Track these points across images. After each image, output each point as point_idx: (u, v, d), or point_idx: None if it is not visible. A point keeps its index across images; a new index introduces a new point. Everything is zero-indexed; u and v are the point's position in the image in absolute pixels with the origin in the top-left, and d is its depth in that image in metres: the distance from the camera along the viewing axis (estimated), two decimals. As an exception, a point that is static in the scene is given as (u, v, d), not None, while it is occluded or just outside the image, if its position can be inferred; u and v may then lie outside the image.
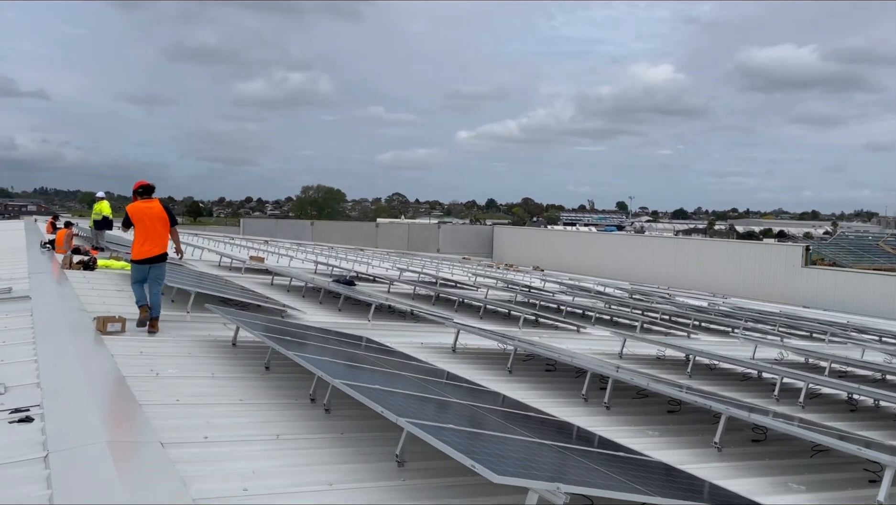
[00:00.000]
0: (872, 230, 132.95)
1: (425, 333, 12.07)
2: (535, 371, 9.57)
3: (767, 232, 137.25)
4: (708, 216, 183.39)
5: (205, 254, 24.45)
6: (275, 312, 12.10)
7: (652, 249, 47.86)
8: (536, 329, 14.67)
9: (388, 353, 8.51)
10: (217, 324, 10.47)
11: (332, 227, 60.09)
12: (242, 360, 8.19)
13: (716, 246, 47.03)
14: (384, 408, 4.78)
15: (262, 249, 31.89)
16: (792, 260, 38.16)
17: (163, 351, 8.21)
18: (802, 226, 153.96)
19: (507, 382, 8.74)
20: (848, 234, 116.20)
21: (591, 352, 12.02)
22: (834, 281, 36.53)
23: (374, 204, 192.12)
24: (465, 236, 60.99)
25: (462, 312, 16.08)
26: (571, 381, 9.14)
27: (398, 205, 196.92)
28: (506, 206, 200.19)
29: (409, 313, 14.17)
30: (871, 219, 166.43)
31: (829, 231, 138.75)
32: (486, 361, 9.93)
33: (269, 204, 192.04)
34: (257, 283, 17.70)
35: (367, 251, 48.58)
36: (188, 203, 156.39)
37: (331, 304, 14.82)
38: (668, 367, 11.47)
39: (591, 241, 56.44)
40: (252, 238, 46.01)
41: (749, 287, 38.92)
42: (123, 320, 9.07)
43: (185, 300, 11.98)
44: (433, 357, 9.85)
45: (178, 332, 9.53)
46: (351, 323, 12.57)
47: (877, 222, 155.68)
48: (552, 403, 7.83)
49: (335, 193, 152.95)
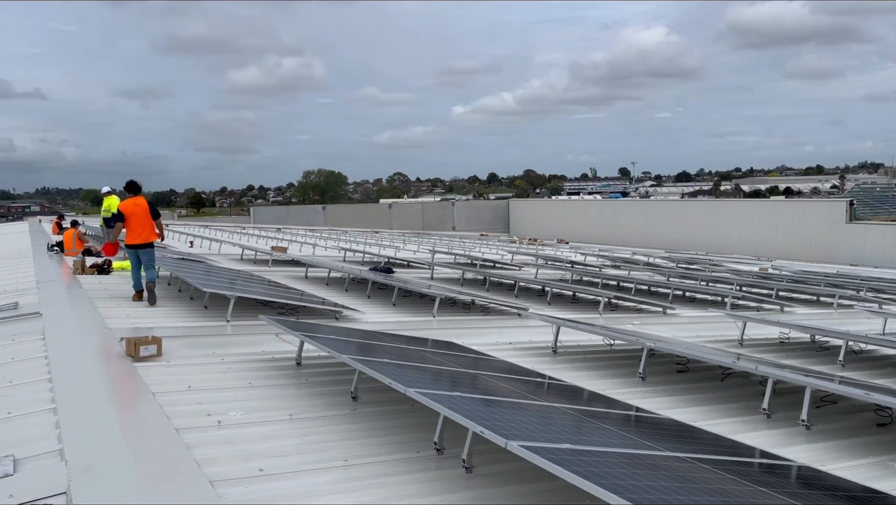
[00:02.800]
0: (880, 181, 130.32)
1: (505, 330, 10.28)
2: (667, 374, 7.77)
3: (774, 190, 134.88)
4: (712, 177, 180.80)
5: (224, 247, 22.65)
6: (328, 313, 10.32)
7: (682, 214, 45.86)
8: (614, 313, 12.87)
9: (502, 368, 6.71)
10: (267, 334, 8.69)
11: (344, 211, 58.13)
12: (317, 387, 6.41)
13: (752, 206, 44.94)
14: (611, 492, 2.99)
15: (282, 239, 30.08)
16: (835, 216, 36.20)
17: (215, 381, 6.43)
18: (808, 181, 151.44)
19: (650, 392, 6.94)
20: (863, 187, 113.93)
21: (699, 339, 10.23)
22: (883, 236, 34.58)
23: (375, 185, 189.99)
24: (480, 213, 59.01)
25: (524, 297, 14.28)
26: (726, 387, 7.36)
27: (400, 184, 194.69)
28: (508, 179, 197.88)
29: (472, 304, 12.38)
30: (878, 170, 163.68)
31: (836, 185, 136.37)
32: (603, 364, 8.14)
33: (271, 191, 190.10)
34: (290, 276, 15.92)
35: (383, 233, 46.75)
36: (191, 195, 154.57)
37: (380, 297, 13.03)
38: (799, 352, 9.68)
39: (614, 209, 54.41)
40: (264, 227, 44.19)
41: (790, 247, 37.02)
42: (159, 341, 7.28)
43: (222, 305, 10.21)
44: (535, 362, 8.07)
45: (225, 349, 7.75)
46: (414, 321, 10.78)
47: (884, 173, 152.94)
48: (731, 423, 6.04)
49: (337, 177, 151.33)
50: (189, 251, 21.86)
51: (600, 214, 52.07)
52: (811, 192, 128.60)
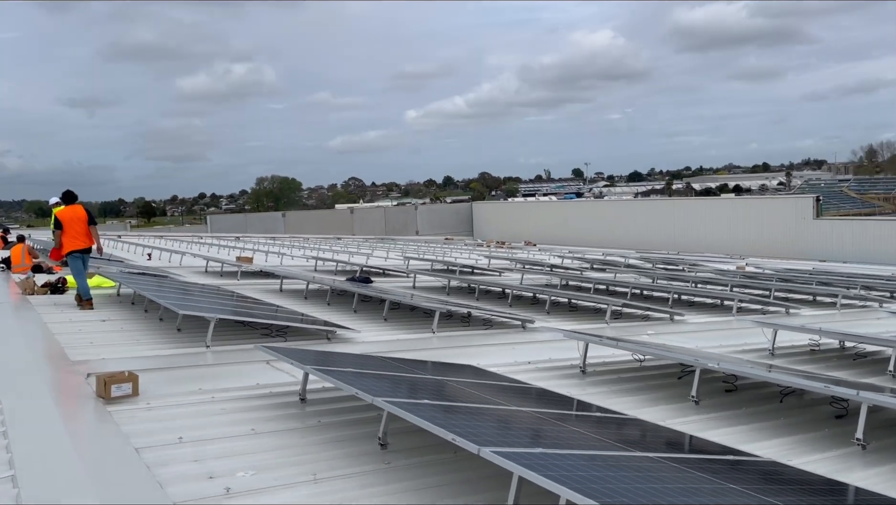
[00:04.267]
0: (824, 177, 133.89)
1: (518, 346, 9.35)
2: (716, 395, 6.93)
3: (723, 187, 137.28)
4: (663, 176, 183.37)
5: (185, 259, 21.24)
6: (319, 334, 9.25)
7: (649, 214, 45.65)
8: (618, 321, 12.07)
9: (555, 402, 5.77)
10: (256, 362, 7.61)
11: (304, 217, 56.54)
12: (334, 431, 5.37)
13: (719, 204, 44.90)
14: None
15: (244, 248, 28.69)
16: (802, 212, 36.28)
17: (210, 427, 5.34)
18: (756, 178, 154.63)
19: (714, 421, 6.07)
20: (810, 183, 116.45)
21: (724, 349, 9.45)
22: (850, 231, 34.74)
23: (330, 190, 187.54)
24: (442, 216, 58.09)
25: (517, 306, 13.39)
26: (791, 410, 6.55)
27: (355, 189, 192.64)
28: (463, 182, 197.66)
29: (469, 316, 11.44)
30: (821, 167, 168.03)
31: (783, 182, 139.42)
32: (641, 385, 7.26)
33: (223, 199, 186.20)
34: (263, 290, 14.75)
35: (346, 239, 45.51)
36: (140, 204, 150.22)
37: (367, 311, 11.98)
38: (834, 361, 8.97)
39: (576, 210, 54.06)
40: (222, 236, 42.52)
41: (759, 245, 36.98)
42: (135, 378, 6.15)
43: (196, 327, 9.09)
44: (567, 385, 7.16)
45: (212, 383, 6.65)
46: (413, 339, 9.78)
47: (827, 169, 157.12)
48: (827, 459, 5.19)
49: (291, 183, 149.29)
50: (147, 264, 20.44)
51: (565, 216, 51.63)
52: (759, 189, 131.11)
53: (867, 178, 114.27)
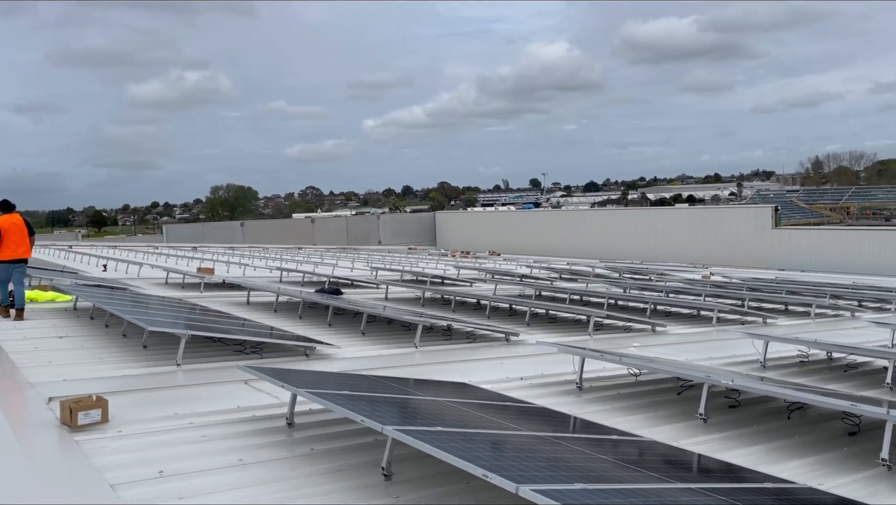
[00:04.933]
0: (773, 188, 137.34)
1: (506, 361, 8.99)
2: (719, 411, 6.66)
3: (677, 197, 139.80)
4: (619, 186, 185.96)
5: (144, 270, 20.41)
6: (297, 350, 8.76)
7: (611, 223, 45.88)
8: (600, 333, 11.81)
9: (568, 425, 5.41)
10: (232, 382, 7.10)
11: (263, 227, 55.41)
12: (329, 460, 4.93)
13: (681, 214, 45.35)
14: None
15: (203, 258, 27.82)
16: (762, 222, 36.81)
17: (191, 457, 4.85)
18: (708, 189, 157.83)
19: (725, 441, 5.78)
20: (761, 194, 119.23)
21: (714, 361, 9.24)
22: (808, 241, 35.36)
23: (287, 199, 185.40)
24: (405, 226, 57.58)
25: (495, 318, 13.05)
26: (800, 427, 6.31)
27: (313, 198, 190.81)
28: (423, 191, 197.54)
29: (449, 329, 11.05)
30: (770, 177, 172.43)
31: (734, 192, 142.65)
32: (641, 402, 6.96)
33: (177, 208, 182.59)
34: (229, 302, 14.14)
35: (307, 249, 44.72)
36: (90, 213, 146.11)
37: (342, 324, 11.51)
38: (826, 373, 8.82)
39: (539, 219, 54.14)
40: (179, 246, 41.35)
41: (720, 253, 37.41)
42: (104, 404, 5.61)
43: (164, 343, 8.54)
44: (565, 402, 6.82)
45: (188, 406, 6.13)
46: (396, 354, 9.35)
47: (776, 180, 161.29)
48: (856, 481, 4.93)
49: (247, 192, 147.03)
50: (103, 276, 19.56)
51: (527, 225, 51.64)
52: (712, 199, 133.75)
53: (815, 188, 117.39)
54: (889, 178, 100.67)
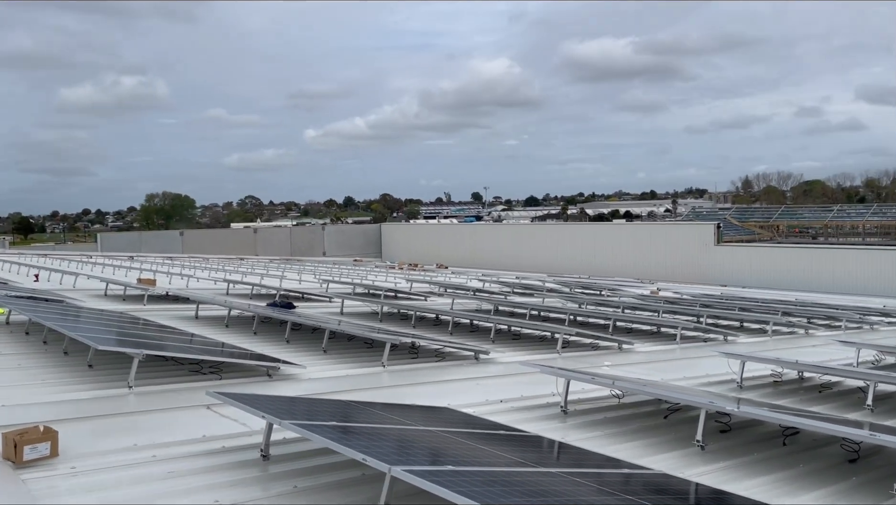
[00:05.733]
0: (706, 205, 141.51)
1: (482, 382, 8.62)
2: (711, 436, 6.42)
3: (615, 213, 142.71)
4: (558, 202, 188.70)
5: (80, 281, 19.28)
6: (259, 370, 8.19)
7: (556, 238, 46.13)
8: (568, 350, 11.55)
9: (560, 452, 5.06)
10: (194, 408, 6.52)
11: (204, 236, 53.71)
12: (314, 496, 4.44)
13: (626, 230, 45.93)
14: None
15: (141, 268, 26.61)
16: (705, 238, 37.54)
17: (159, 496, 4.29)
18: (644, 205, 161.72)
19: (730, 470, 5.51)
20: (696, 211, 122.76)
21: (689, 381, 9.06)
22: (748, 258, 36.18)
23: (226, 208, 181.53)
24: (350, 237, 56.73)
25: (458, 334, 12.67)
26: (802, 455, 6.11)
27: (252, 208, 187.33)
28: (365, 203, 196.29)
29: (413, 346, 10.61)
30: (703, 195, 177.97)
31: (669, 209, 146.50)
32: (629, 427, 6.67)
33: (110, 215, 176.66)
34: (175, 316, 13.38)
35: (250, 260, 43.51)
36: (16, 219, 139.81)
37: (301, 341, 10.94)
38: (802, 393, 8.74)
39: (485, 233, 54.13)
40: (115, 255, 39.64)
41: (663, 269, 37.97)
42: (53, 436, 4.99)
43: (111, 362, 7.89)
44: (550, 427, 6.48)
45: (147, 436, 5.53)
46: (363, 374, 8.86)
47: (709, 197, 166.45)
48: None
49: (183, 200, 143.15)
50: (35, 287, 18.40)
51: (474, 238, 51.53)
52: (648, 215, 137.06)
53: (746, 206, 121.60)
54: (814, 198, 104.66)
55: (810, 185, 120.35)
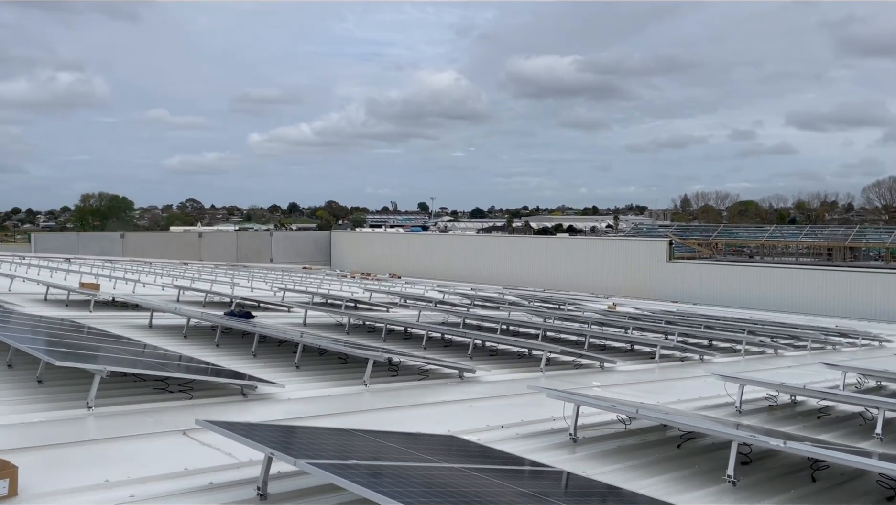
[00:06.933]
0: (646, 222, 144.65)
1: (476, 404, 8.06)
2: (737, 470, 6.00)
3: (559, 227, 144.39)
4: (503, 214, 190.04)
5: (16, 284, 17.97)
6: (233, 389, 7.45)
7: (510, 250, 45.98)
8: (550, 368, 11.09)
9: (590, 492, 4.54)
10: (167, 434, 5.79)
11: (146, 239, 51.71)
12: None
13: (580, 244, 46.06)
14: None
15: (80, 271, 25.19)
16: (657, 254, 37.87)
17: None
18: (587, 220, 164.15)
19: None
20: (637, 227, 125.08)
21: (683, 405, 8.70)
22: (699, 274, 36.64)
23: (165, 211, 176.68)
24: (299, 244, 55.49)
25: (432, 349, 12.09)
26: (833, 489, 5.74)
27: (193, 211, 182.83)
28: (310, 209, 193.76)
29: (391, 362, 9.98)
30: (644, 212, 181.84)
31: (611, 224, 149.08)
32: (645, 457, 6.21)
33: (42, 215, 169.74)
34: (126, 325, 12.44)
35: (194, 264, 42.02)
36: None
37: (269, 355, 10.20)
38: (800, 419, 8.46)
39: (437, 243, 53.66)
40: (50, 257, 37.66)
41: (617, 284, 38.15)
42: (13, 472, 4.22)
43: (63, 377, 7.07)
44: (561, 457, 5.97)
45: (117, 468, 4.80)
46: (344, 394, 8.21)
47: (649, 214, 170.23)
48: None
49: (121, 201, 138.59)
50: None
51: (425, 248, 51.03)
52: (590, 230, 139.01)
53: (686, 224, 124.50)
54: (749, 218, 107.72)
55: (745, 205, 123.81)
